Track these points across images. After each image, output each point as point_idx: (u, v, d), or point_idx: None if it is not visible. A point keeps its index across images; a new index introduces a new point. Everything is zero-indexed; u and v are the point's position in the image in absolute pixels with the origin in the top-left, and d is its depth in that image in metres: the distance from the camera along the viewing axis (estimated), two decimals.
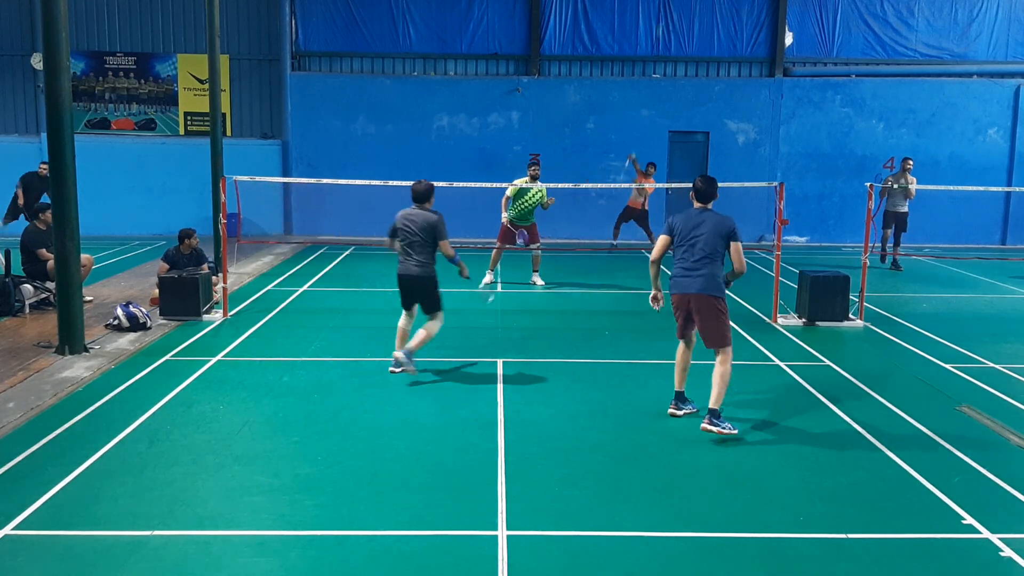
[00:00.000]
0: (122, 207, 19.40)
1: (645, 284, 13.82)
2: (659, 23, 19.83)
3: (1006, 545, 4.84)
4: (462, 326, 10.37)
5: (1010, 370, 8.57)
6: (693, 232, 6.68)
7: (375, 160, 19.26)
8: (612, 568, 4.55)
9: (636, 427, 6.78)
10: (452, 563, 4.58)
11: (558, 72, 20.04)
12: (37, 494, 5.32)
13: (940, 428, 6.78)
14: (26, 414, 6.87)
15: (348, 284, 13.42)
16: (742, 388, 7.85)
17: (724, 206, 7.24)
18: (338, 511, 5.18)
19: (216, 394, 7.50)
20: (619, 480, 5.70)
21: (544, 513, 5.19)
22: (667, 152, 19.88)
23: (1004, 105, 19.80)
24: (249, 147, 19.77)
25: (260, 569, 4.53)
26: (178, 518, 5.05)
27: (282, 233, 19.78)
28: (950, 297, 13.03)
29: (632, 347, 9.40)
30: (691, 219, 6.75)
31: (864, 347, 9.65)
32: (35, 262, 10.93)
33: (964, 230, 19.72)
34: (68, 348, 8.64)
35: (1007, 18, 19.96)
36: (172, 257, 11.13)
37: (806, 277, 10.65)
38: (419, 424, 6.79)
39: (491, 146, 19.68)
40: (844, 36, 19.99)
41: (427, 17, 19.76)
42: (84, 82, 19.96)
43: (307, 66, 20.07)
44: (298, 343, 9.42)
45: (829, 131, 19.93)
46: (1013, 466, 6.01)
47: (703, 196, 6.89)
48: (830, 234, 20.04)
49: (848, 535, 4.95)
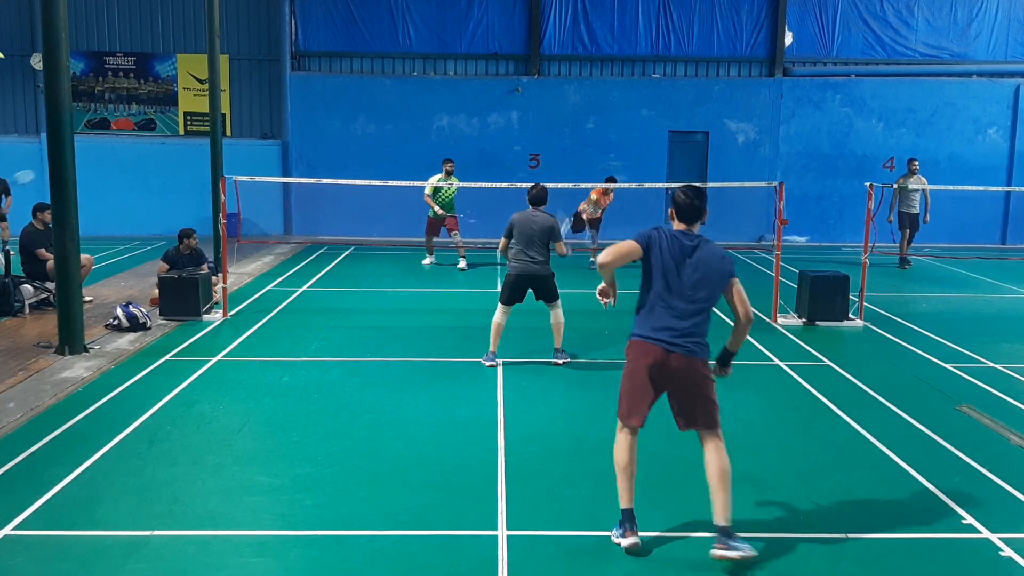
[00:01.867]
0: (122, 207, 19.41)
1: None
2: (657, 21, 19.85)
3: (1006, 545, 4.84)
4: (462, 326, 10.38)
5: (1010, 370, 8.57)
6: (685, 268, 4.69)
7: (375, 160, 19.28)
8: (612, 568, 4.55)
9: None
10: (452, 563, 4.58)
11: (558, 72, 20.04)
12: (37, 494, 5.32)
13: (940, 428, 6.77)
14: (26, 414, 6.87)
15: (348, 284, 13.42)
16: (742, 388, 7.85)
17: (724, 206, 7.20)
18: (338, 511, 5.18)
19: (216, 394, 7.50)
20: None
21: (544, 513, 5.19)
22: (667, 152, 19.88)
23: (1004, 105, 19.80)
24: (249, 147, 19.77)
25: (260, 569, 4.53)
26: (178, 518, 5.05)
27: (282, 233, 19.78)
28: (950, 297, 13.03)
29: None
30: (680, 248, 4.71)
31: (864, 347, 9.65)
32: (35, 262, 10.93)
33: (964, 230, 19.72)
34: (68, 348, 8.64)
35: (1007, 18, 19.97)
36: (172, 257, 11.13)
37: (806, 277, 10.65)
38: (419, 424, 6.78)
39: (491, 146, 19.69)
40: (844, 36, 20.00)
41: (427, 17, 19.76)
42: (84, 82, 19.96)
43: (307, 66, 20.07)
44: (298, 343, 9.42)
45: (829, 131, 19.94)
46: (1013, 466, 6.01)
47: (692, 215, 4.78)
48: (830, 234, 20.04)
49: (848, 535, 4.95)
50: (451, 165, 14.86)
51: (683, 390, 4.77)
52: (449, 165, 14.83)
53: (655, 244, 4.73)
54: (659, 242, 4.73)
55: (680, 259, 4.71)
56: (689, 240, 4.75)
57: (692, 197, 4.77)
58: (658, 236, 4.75)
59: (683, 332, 4.71)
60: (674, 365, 4.71)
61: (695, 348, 4.74)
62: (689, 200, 4.77)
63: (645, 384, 4.76)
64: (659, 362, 4.71)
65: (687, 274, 4.70)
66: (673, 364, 4.71)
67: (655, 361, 4.72)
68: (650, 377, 4.75)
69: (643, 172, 19.43)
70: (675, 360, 4.71)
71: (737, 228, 19.73)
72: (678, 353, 4.70)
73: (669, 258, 4.71)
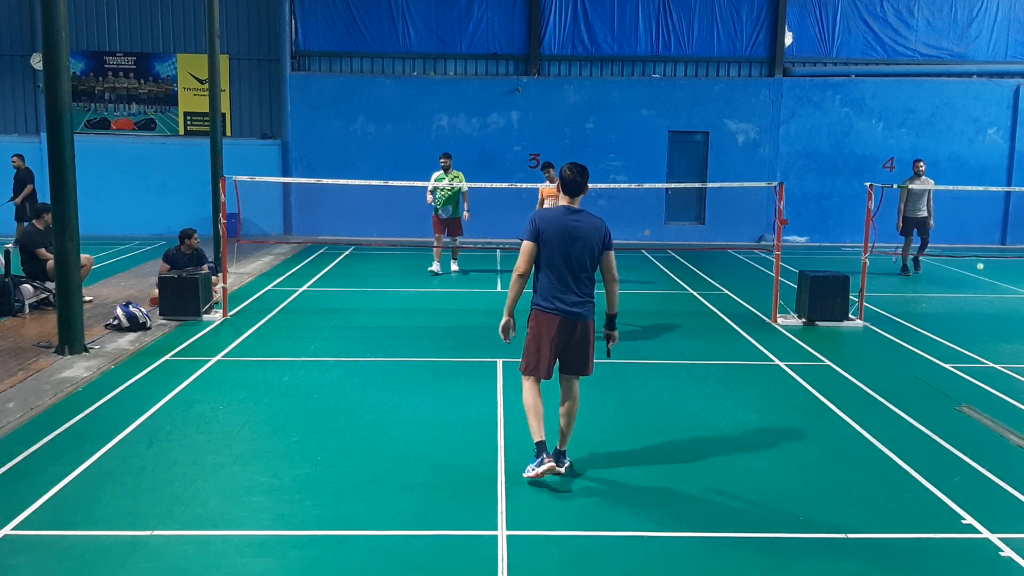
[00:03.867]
0: (122, 207, 19.42)
1: (644, 284, 13.89)
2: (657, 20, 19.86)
3: (1006, 545, 4.84)
4: (462, 326, 10.38)
5: (1010, 370, 8.57)
6: (571, 241, 5.34)
7: (375, 160, 19.29)
8: (612, 568, 4.55)
9: (635, 427, 6.78)
10: (452, 563, 4.58)
11: (558, 72, 20.04)
12: (37, 494, 5.32)
13: (940, 428, 6.77)
14: (26, 414, 6.87)
15: (348, 284, 13.41)
16: (742, 388, 7.85)
17: (724, 206, 7.20)
18: (338, 511, 5.18)
19: (216, 394, 7.50)
20: (618, 480, 5.70)
21: (544, 513, 5.19)
22: (667, 152, 19.89)
23: (1004, 105, 19.81)
24: (249, 147, 19.78)
25: (260, 569, 4.53)
26: (178, 518, 5.05)
27: (282, 233, 19.79)
28: (950, 297, 13.03)
29: (631, 347, 9.39)
30: (565, 223, 5.36)
31: (864, 347, 9.65)
32: (34, 262, 10.93)
33: (964, 230, 19.72)
34: (68, 348, 8.64)
35: (1007, 18, 19.97)
36: (172, 257, 11.14)
37: (806, 277, 10.64)
38: (419, 424, 6.78)
39: (491, 146, 19.69)
40: (844, 36, 20.00)
41: (427, 17, 19.77)
42: (84, 82, 19.96)
43: (307, 66, 20.07)
44: (298, 343, 9.42)
45: (829, 131, 19.94)
46: (1013, 466, 6.01)
47: (575, 189, 5.49)
48: (830, 234, 20.05)
49: (848, 535, 4.95)
50: (445, 159, 13.96)
51: (575, 348, 5.52)
52: (443, 160, 13.98)
53: (542, 231, 5.37)
54: (543, 227, 5.37)
55: (564, 234, 5.36)
56: (572, 215, 5.42)
57: (576, 173, 5.50)
58: (541, 222, 5.39)
59: (575, 300, 5.43)
60: (571, 330, 5.46)
61: (585, 312, 5.49)
62: (573, 176, 5.49)
63: (547, 347, 5.47)
64: (558, 329, 5.44)
65: (572, 245, 5.36)
66: (569, 329, 5.46)
67: (556, 328, 5.44)
68: (552, 342, 5.46)
69: (643, 172, 19.44)
70: (571, 325, 5.45)
71: (737, 228, 19.74)
72: (573, 319, 5.44)
73: (555, 235, 5.35)
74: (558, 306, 5.42)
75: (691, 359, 8.94)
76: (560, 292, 5.41)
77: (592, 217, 5.47)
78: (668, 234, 19.74)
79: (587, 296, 5.49)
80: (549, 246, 5.37)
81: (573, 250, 5.37)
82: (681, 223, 20.21)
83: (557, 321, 5.43)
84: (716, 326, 10.59)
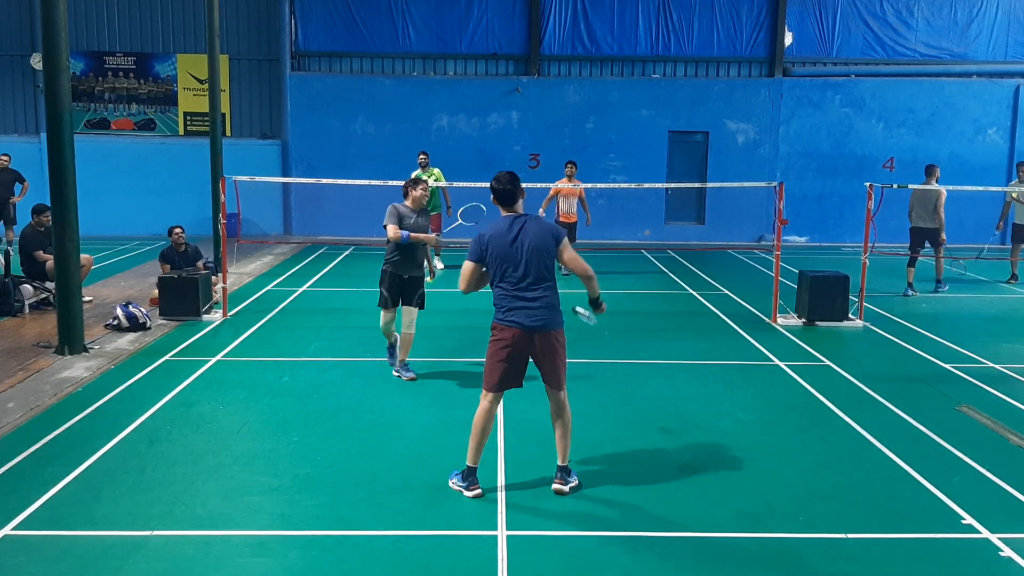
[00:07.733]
0: (122, 207, 19.41)
1: (643, 283, 13.89)
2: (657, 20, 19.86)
3: (1006, 545, 4.84)
4: (462, 326, 10.37)
5: (1010, 370, 8.57)
6: (521, 247, 5.19)
7: (375, 160, 19.27)
8: (612, 568, 4.55)
9: (635, 427, 6.78)
10: (452, 563, 4.58)
11: (558, 72, 20.04)
12: (37, 494, 5.32)
13: (940, 428, 6.77)
14: (26, 414, 6.87)
15: (348, 284, 13.41)
16: (742, 388, 7.85)
17: (724, 206, 7.21)
18: (338, 511, 5.18)
19: (216, 394, 7.50)
20: (618, 480, 5.70)
21: (544, 513, 5.19)
22: (667, 152, 19.89)
23: (1003, 105, 19.81)
24: (249, 147, 19.77)
25: (260, 569, 4.53)
26: (178, 518, 5.05)
27: (282, 233, 19.79)
28: (950, 297, 13.03)
29: (631, 347, 9.40)
30: (506, 235, 5.21)
31: (864, 347, 9.65)
32: (33, 263, 10.93)
33: (964, 230, 19.69)
34: (68, 348, 8.64)
35: (1007, 18, 19.97)
36: (168, 255, 11.21)
37: (806, 277, 10.64)
38: (419, 424, 6.78)
39: (491, 146, 19.69)
40: (844, 36, 20.00)
41: (427, 17, 19.76)
42: (84, 82, 19.96)
43: (307, 66, 20.07)
44: (298, 343, 9.42)
45: (829, 131, 19.95)
46: (1013, 466, 6.01)
47: (509, 199, 5.31)
48: (830, 234, 20.05)
49: (848, 535, 4.95)
50: (422, 156, 14.30)
51: (539, 358, 5.35)
52: (420, 157, 14.30)
53: (485, 249, 5.26)
54: (487, 244, 5.25)
55: (510, 244, 5.21)
56: (514, 223, 5.25)
57: (505, 183, 5.30)
58: (485, 239, 5.26)
59: (534, 309, 5.24)
60: (532, 340, 5.28)
61: (546, 321, 5.27)
62: (503, 186, 5.30)
63: (508, 361, 5.31)
64: (519, 342, 5.27)
65: (521, 253, 5.20)
66: (530, 340, 5.28)
67: (515, 341, 5.27)
68: (512, 355, 5.29)
69: (643, 172, 19.43)
70: (530, 336, 5.27)
71: (737, 228, 19.74)
72: (530, 332, 5.25)
73: (500, 248, 5.21)
74: (514, 319, 5.26)
75: (691, 359, 8.94)
76: (516, 304, 5.25)
77: (537, 219, 5.31)
78: (668, 234, 19.74)
79: (546, 304, 5.27)
80: (500, 261, 5.22)
81: (528, 256, 5.19)
82: (681, 223, 20.21)
83: (516, 334, 5.26)
84: (716, 326, 10.59)
